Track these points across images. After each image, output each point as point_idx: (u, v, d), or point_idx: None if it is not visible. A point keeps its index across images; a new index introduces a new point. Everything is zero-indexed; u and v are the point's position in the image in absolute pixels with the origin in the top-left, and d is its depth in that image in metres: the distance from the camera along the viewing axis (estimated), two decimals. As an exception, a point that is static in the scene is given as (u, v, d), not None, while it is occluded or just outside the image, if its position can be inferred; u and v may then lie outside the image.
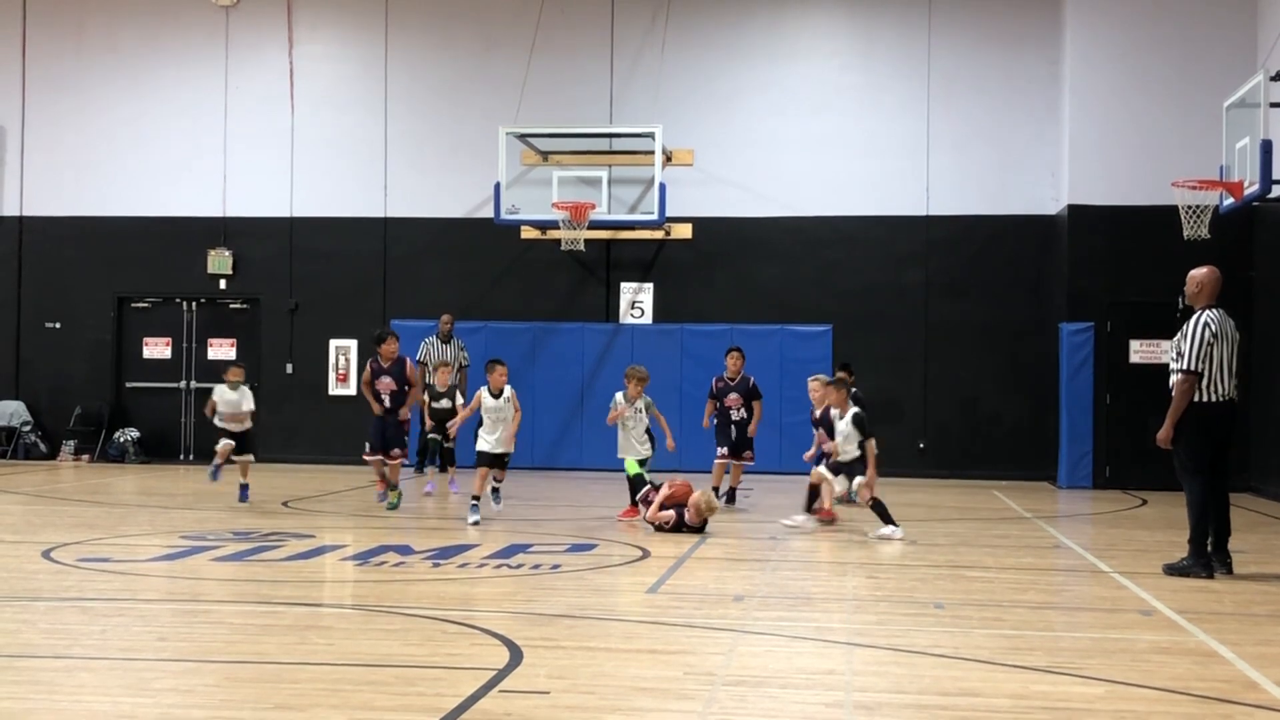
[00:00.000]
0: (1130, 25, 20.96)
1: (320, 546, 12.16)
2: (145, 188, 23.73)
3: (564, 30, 22.85)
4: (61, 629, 8.00)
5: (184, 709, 6.06)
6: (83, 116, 23.93)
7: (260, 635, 7.88)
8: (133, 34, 23.90)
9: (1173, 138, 20.25)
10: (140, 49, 23.88)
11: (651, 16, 22.79)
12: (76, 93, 23.98)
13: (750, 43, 22.74)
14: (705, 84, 22.76)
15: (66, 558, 11.02)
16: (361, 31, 23.56)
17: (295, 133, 23.52)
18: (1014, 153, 22.06)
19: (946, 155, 22.16)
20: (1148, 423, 15.21)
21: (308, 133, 23.52)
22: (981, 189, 22.07)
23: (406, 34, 23.40)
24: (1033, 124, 22.00)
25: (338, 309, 23.30)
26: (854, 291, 22.12)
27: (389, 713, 5.96)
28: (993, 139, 22.12)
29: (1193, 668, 7.26)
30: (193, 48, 23.78)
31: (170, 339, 24.07)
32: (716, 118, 22.68)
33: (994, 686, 6.74)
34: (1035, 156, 21.94)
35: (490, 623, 8.22)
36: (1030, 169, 21.96)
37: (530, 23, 22.67)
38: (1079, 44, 21.17)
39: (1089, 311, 20.75)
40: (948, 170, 22.15)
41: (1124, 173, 20.58)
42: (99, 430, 23.61)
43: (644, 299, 22.91)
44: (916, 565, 11.53)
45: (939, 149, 22.17)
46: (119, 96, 23.87)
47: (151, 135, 23.76)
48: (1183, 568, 10.82)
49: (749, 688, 6.63)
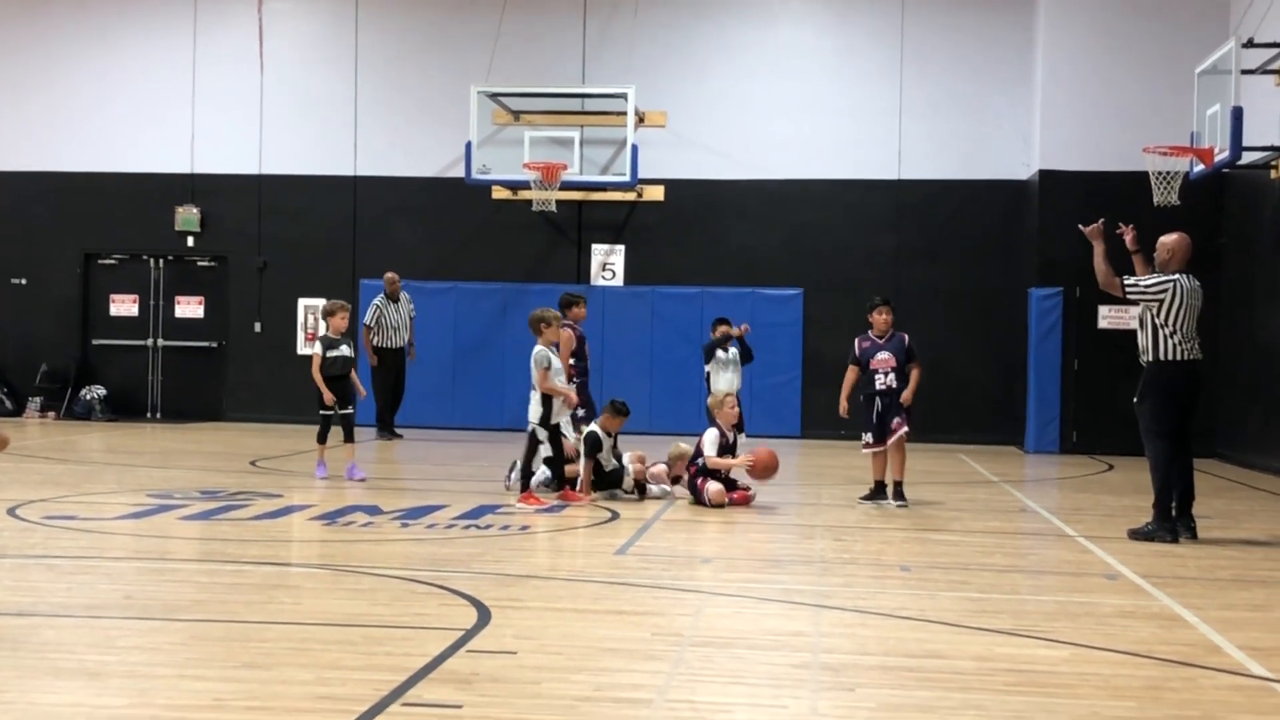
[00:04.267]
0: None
1: (288, 506, 12.14)
2: (112, 143, 23.55)
3: (536, -11, 22.74)
4: (27, 586, 7.99)
5: (150, 667, 6.05)
6: (49, 71, 23.70)
7: (227, 594, 7.88)
8: (100, -12, 23.69)
9: (1144, 104, 20.30)
10: (107, 4, 23.65)
11: (625, -24, 22.69)
12: (43, 47, 23.73)
13: (725, 5, 22.66)
14: (679, 45, 22.69)
15: (32, 515, 10.96)
16: (332, -12, 23.40)
17: (264, 90, 23.35)
18: (986, 118, 22.08)
19: (919, 119, 22.15)
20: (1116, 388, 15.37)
21: (277, 90, 23.35)
22: (953, 153, 22.09)
23: (378, -9, 23.26)
24: (1005, 89, 22.02)
25: (307, 268, 23.19)
26: (825, 255, 22.14)
27: (356, 671, 5.96)
28: (965, 104, 22.13)
29: (1157, 631, 7.32)
30: (161, 3, 23.57)
31: (137, 296, 23.93)
32: (690, 79, 22.61)
33: (959, 649, 6.78)
34: (1007, 122, 21.97)
35: (458, 583, 8.22)
36: (1002, 134, 21.99)
37: (502, -19, 22.53)
38: (1052, 9, 21.16)
39: (1058, 277, 20.80)
40: (920, 134, 22.15)
41: (1095, 139, 20.62)
42: (65, 387, 23.50)
43: (615, 261, 22.88)
44: (883, 528, 11.58)
45: (911, 113, 22.16)
46: (86, 51, 23.65)
47: (119, 91, 23.56)
48: (1147, 532, 10.89)
49: (716, 649, 6.65)
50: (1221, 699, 5.89)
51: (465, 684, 5.80)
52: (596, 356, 20.76)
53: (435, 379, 21.60)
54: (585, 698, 5.63)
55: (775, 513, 12.28)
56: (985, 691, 5.90)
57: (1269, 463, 18.02)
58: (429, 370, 21.36)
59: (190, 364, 23.76)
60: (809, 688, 5.92)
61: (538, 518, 11.65)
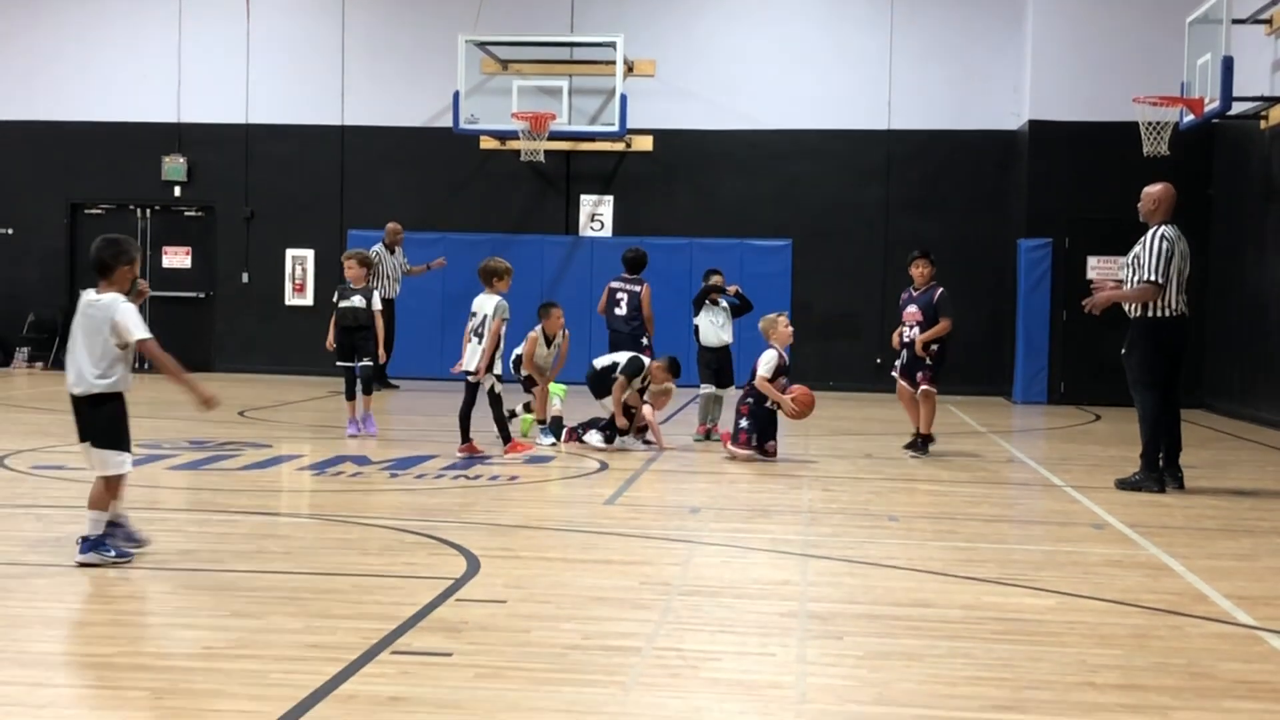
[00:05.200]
0: (1095, -60, 20.88)
1: (277, 456, 12.15)
2: (98, 92, 23.41)
3: (525, -64, 22.58)
4: (16, 536, 7.99)
5: (140, 615, 6.07)
6: (33, 18, 23.52)
7: (216, 543, 7.89)
8: (84, -66, 23.49)
9: (1135, 54, 20.24)
10: (92, -50, 23.47)
11: (613, -76, 22.54)
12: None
13: (713, -48, 22.55)
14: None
15: (20, 465, 10.97)
16: (318, -65, 23.22)
17: (251, 38, 23.20)
18: (977, 68, 22.01)
19: (909, 70, 22.08)
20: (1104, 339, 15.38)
21: (263, 38, 23.21)
22: (943, 104, 22.03)
23: (364, -62, 23.09)
24: (996, 39, 21.95)
25: (294, 218, 23.12)
26: (814, 206, 22.11)
27: (346, 620, 5.98)
28: (956, 54, 22.05)
29: (1143, 580, 7.35)
30: (146, -51, 23.40)
31: (124, 247, 23.81)
32: (679, 28, 22.51)
33: (947, 598, 6.80)
34: (998, 72, 21.90)
35: (448, 533, 8.24)
36: (992, 84, 21.93)
37: (490, -72, 22.38)
38: (1043, -42, 21.06)
39: (1047, 228, 20.81)
40: (910, 85, 22.08)
41: (1085, 89, 20.57)
42: (53, 338, 23.43)
43: (604, 211, 22.83)
44: (871, 478, 11.61)
45: (902, 63, 22.09)
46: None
47: (104, 39, 23.41)
48: (1135, 482, 10.93)
49: (704, 597, 6.67)
50: (1208, 647, 5.92)
51: (455, 632, 5.82)
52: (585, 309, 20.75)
53: (424, 330, 21.56)
54: (574, 646, 5.65)
55: (763, 463, 12.29)
56: (973, 640, 5.93)
57: (1256, 413, 18.07)
58: (418, 321, 21.34)
59: (178, 314, 23.68)
60: (797, 636, 5.94)
61: (526, 468, 11.67)
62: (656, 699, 4.95)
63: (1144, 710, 4.95)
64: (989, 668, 5.48)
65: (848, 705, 4.93)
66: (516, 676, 5.17)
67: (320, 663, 5.25)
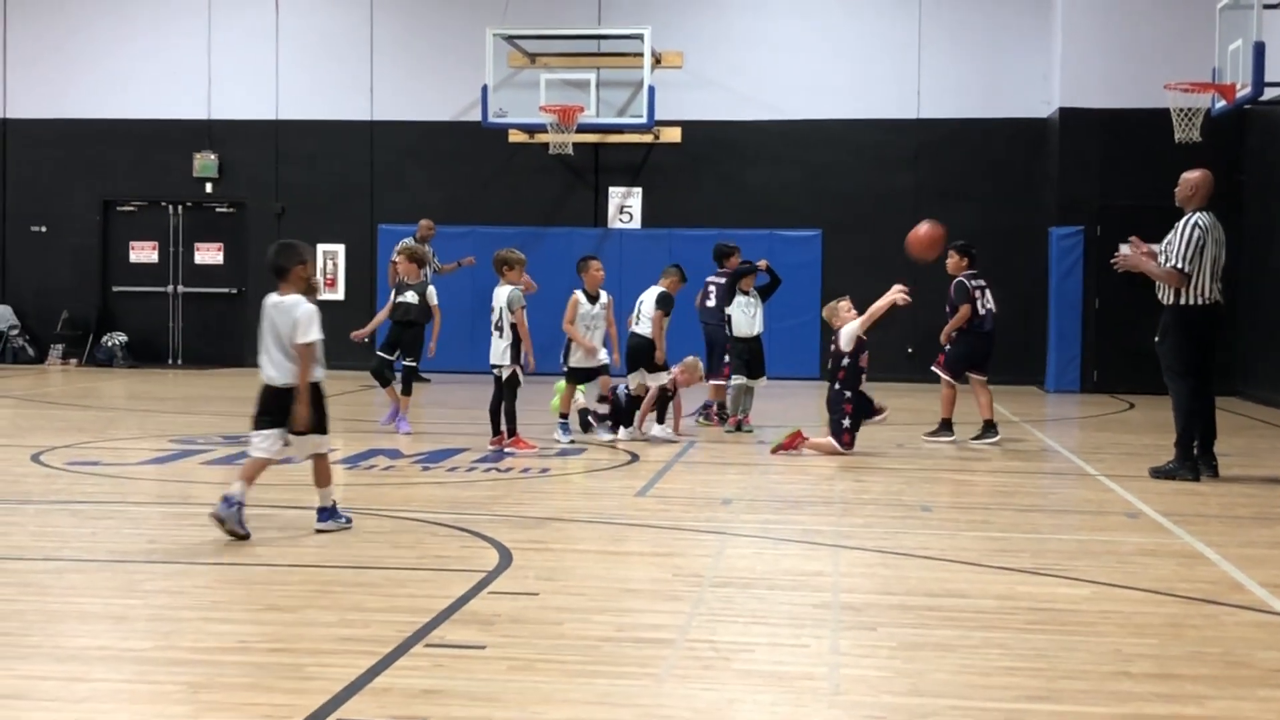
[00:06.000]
0: (1125, -75, 20.77)
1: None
2: (129, 89, 23.51)
3: (552, -71, 22.58)
4: (52, 531, 8.02)
5: (175, 610, 6.09)
6: (65, 17, 23.65)
7: (251, 539, 7.90)
8: (114, -67, 23.60)
9: (1165, 40, 20.13)
10: (122, -52, 23.58)
11: (640, -85, 22.51)
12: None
13: (740, -58, 22.52)
14: (695, -15, 22.57)
15: (55, 461, 11.03)
16: (346, -70, 23.26)
17: (280, 34, 23.27)
18: (1006, 55, 21.92)
19: (937, 57, 22.01)
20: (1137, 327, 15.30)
21: (292, 34, 23.28)
22: (973, 92, 21.95)
23: (392, -67, 23.13)
24: (1025, 26, 21.85)
25: (325, 213, 23.17)
26: (844, 196, 22.06)
27: (379, 613, 5.99)
28: (984, 41, 21.96)
29: (1178, 569, 7.32)
30: (175, -53, 23.49)
31: (157, 243, 23.99)
32: (706, 19, 22.48)
33: (980, 588, 6.78)
34: (1027, 59, 21.80)
35: (480, 525, 8.26)
36: (1022, 72, 21.83)
37: (517, -78, 22.38)
38: (1073, -56, 20.96)
39: (1079, 215, 20.72)
40: (938, 73, 22.01)
41: (1116, 75, 20.46)
42: (86, 334, 23.59)
43: (632, 203, 22.82)
44: (903, 469, 11.58)
45: (930, 51, 22.02)
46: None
47: (134, 35, 23.51)
48: (1169, 470, 10.88)
49: (736, 589, 6.66)
50: (1243, 636, 5.89)
51: (488, 625, 5.82)
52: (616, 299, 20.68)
53: (454, 323, 21.47)
54: (607, 638, 5.65)
55: (794, 453, 12.27)
56: (1007, 630, 5.91)
57: (1290, 400, 17.97)
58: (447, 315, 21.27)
59: (210, 310, 23.82)
60: (830, 627, 5.93)
61: (556, 460, 11.68)
62: (689, 691, 4.94)
63: (1179, 700, 4.93)
64: (1023, 658, 5.46)
65: (882, 696, 4.91)
66: (549, 669, 5.17)
67: (354, 656, 5.26)
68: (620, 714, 4.65)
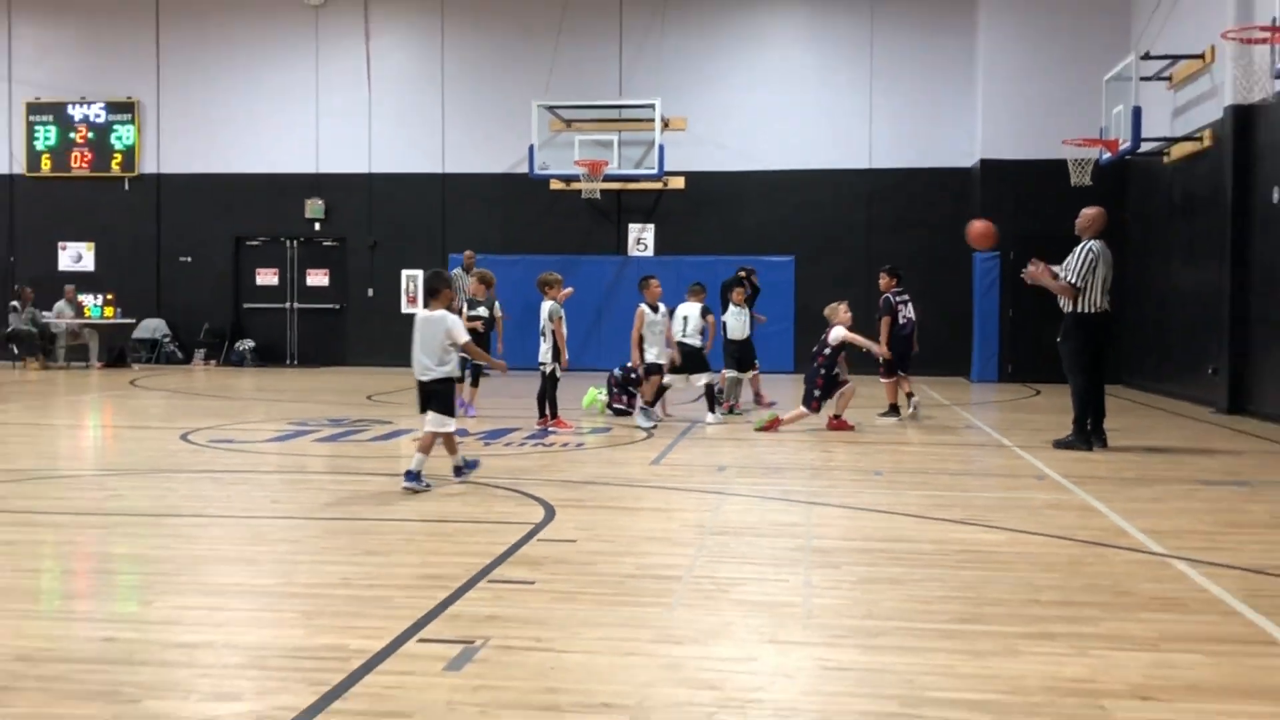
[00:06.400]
0: (1029, 16, 20.72)
1: (397, 430, 12.20)
2: (256, 149, 23.61)
3: (583, 22, 22.58)
4: (197, 495, 8.05)
5: (293, 555, 6.11)
6: (205, 94, 23.74)
7: (351, 499, 7.93)
8: (243, 27, 23.66)
9: (1063, 105, 20.08)
10: (249, 39, 23.65)
11: (652, 11, 22.50)
12: (200, 75, 23.77)
13: (731, 32, 22.47)
14: (696, 65, 22.51)
15: (200, 440, 11.08)
16: (423, 24, 23.27)
17: (372, 105, 23.33)
18: (938, 119, 21.87)
19: (884, 122, 21.97)
20: (1043, 330, 15.24)
21: (381, 106, 23.34)
22: (912, 148, 21.91)
23: (458, 26, 23.13)
24: (952, 96, 21.80)
25: (406, 246, 23.23)
26: (812, 229, 22.03)
27: (452, 557, 6.00)
28: (921, 107, 21.91)
29: (1076, 519, 7.29)
30: (291, 37, 23.56)
31: (277, 269, 24.05)
32: (705, 91, 22.46)
33: (921, 535, 6.77)
34: (955, 121, 21.75)
35: (530, 488, 8.26)
36: (951, 131, 21.78)
37: (556, 16, 22.41)
38: (989, 32, 20.92)
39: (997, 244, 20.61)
40: (885, 133, 21.97)
41: (1024, 134, 20.43)
42: (223, 341, 23.67)
43: (647, 237, 22.81)
44: (860, 442, 11.56)
45: (878, 117, 21.98)
46: (233, 77, 23.68)
47: (259, 107, 23.59)
48: (1068, 442, 10.85)
49: (731, 536, 6.66)
50: (1128, 571, 5.87)
51: (536, 565, 5.83)
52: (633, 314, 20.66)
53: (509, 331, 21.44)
54: (630, 575, 5.65)
55: (775, 432, 12.26)
56: (942, 567, 5.89)
57: (1163, 387, 17.90)
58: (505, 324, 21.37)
59: (319, 321, 23.88)
60: (803, 566, 5.92)
61: (590, 437, 11.68)
62: (694, 616, 4.94)
63: (1078, 621, 4.91)
64: (955, 589, 5.44)
65: (844, 620, 4.90)
66: (585, 599, 5.18)
67: (432, 590, 5.27)
68: (640, 633, 4.65)
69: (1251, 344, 14.63)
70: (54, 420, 13.06)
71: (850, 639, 4.62)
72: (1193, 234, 16.88)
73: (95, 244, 24.22)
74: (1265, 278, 14.30)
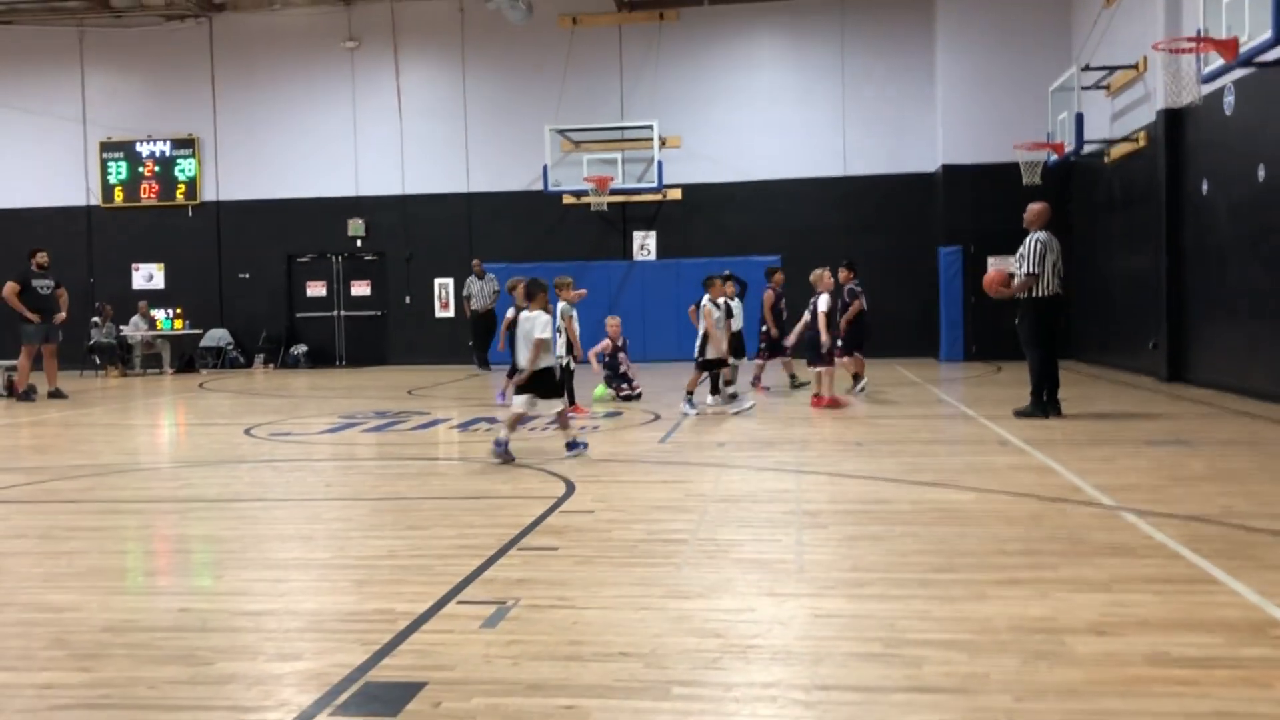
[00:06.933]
0: (982, 35, 20.64)
1: (434, 420, 12.21)
2: (302, 177, 23.60)
3: (587, 55, 22.53)
4: (259, 481, 8.07)
5: (345, 530, 6.11)
6: (257, 129, 23.73)
7: (395, 480, 7.93)
8: (288, 70, 23.63)
9: (1014, 114, 20.01)
10: (294, 80, 23.62)
11: (648, 44, 22.43)
12: (251, 113, 23.76)
13: (720, 58, 22.39)
14: (688, 88, 22.44)
15: (261, 433, 11.09)
16: (447, 62, 23.22)
17: (404, 135, 23.30)
18: (904, 129, 21.79)
19: (857, 132, 21.89)
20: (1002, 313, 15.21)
21: (412, 135, 23.30)
22: (882, 156, 21.84)
23: (478, 63, 23.08)
24: (916, 108, 21.72)
25: (438, 257, 23.21)
26: (795, 231, 21.96)
27: (485, 528, 6.00)
28: (889, 120, 21.84)
29: (1036, 479, 7.27)
30: (331, 77, 23.52)
31: (325, 282, 24.05)
32: (697, 112, 22.39)
33: (898, 496, 6.75)
34: (919, 131, 21.68)
35: (552, 466, 8.25)
36: (916, 140, 21.71)
37: (563, 51, 22.36)
38: (947, 51, 20.84)
39: (959, 239, 20.61)
40: (858, 144, 21.90)
41: (980, 141, 20.36)
42: (279, 347, 23.68)
43: (649, 243, 22.77)
44: (842, 417, 11.53)
45: (851, 128, 21.91)
46: (281, 114, 23.65)
47: (304, 140, 23.58)
48: (1027, 412, 10.82)
49: (730, 503, 6.65)
50: (1083, 523, 5.84)
51: (559, 533, 5.82)
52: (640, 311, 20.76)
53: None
54: (642, 540, 5.64)
55: (766, 410, 12.24)
56: (918, 525, 5.88)
57: (1110, 360, 17.85)
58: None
59: (363, 327, 23.89)
60: (795, 527, 5.90)
61: (605, 421, 11.67)
62: (699, 574, 4.93)
63: (1040, 568, 4.89)
64: (930, 543, 5.43)
65: (832, 573, 4.89)
66: (603, 562, 5.17)
67: (468, 558, 5.27)
68: (653, 590, 4.64)
69: (1187, 320, 14.57)
70: (132, 420, 13.08)
71: (838, 589, 4.60)
72: (1132, 224, 16.81)
73: (165, 265, 24.24)
74: (1197, 261, 14.24)
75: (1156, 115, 15.14)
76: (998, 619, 4.13)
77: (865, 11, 21.87)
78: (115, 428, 12.20)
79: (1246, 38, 10.59)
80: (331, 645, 3.99)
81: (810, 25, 22.07)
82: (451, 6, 23.08)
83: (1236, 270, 12.98)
